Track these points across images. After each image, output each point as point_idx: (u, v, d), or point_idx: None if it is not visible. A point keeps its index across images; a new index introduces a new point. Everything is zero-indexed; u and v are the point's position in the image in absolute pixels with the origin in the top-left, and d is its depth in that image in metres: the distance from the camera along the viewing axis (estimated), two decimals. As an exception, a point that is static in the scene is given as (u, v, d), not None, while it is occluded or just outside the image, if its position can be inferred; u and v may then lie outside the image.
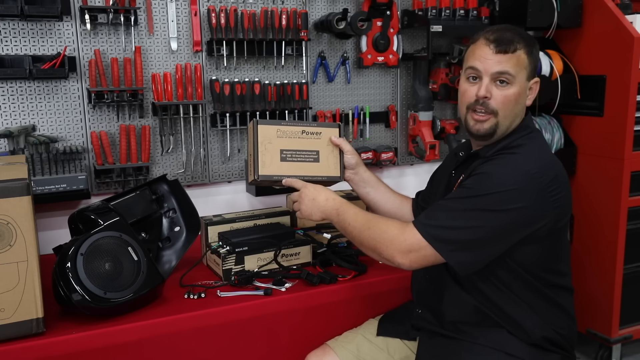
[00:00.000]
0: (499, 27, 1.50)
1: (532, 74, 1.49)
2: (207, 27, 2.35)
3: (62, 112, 2.19)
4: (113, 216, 1.66)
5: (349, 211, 1.59)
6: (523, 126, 1.52)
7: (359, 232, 1.53)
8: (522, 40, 1.46)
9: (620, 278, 2.54)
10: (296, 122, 1.83)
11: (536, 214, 1.39)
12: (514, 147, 1.46)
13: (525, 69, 1.46)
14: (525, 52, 1.45)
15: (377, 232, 1.49)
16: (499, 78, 1.44)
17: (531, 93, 1.51)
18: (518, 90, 1.46)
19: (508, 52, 1.43)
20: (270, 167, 1.77)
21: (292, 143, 1.79)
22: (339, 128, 1.85)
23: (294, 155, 1.79)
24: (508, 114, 1.47)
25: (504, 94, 1.45)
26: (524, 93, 1.48)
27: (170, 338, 1.59)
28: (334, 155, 1.82)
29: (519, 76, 1.45)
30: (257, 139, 1.76)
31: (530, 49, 1.47)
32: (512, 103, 1.46)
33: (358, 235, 1.54)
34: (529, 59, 1.47)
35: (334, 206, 1.61)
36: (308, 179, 1.77)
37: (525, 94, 1.49)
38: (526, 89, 1.49)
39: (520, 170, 1.39)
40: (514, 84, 1.45)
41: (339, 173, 1.82)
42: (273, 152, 1.77)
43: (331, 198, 1.63)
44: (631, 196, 2.51)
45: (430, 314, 1.49)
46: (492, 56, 1.44)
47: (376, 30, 2.62)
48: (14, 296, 1.41)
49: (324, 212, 1.63)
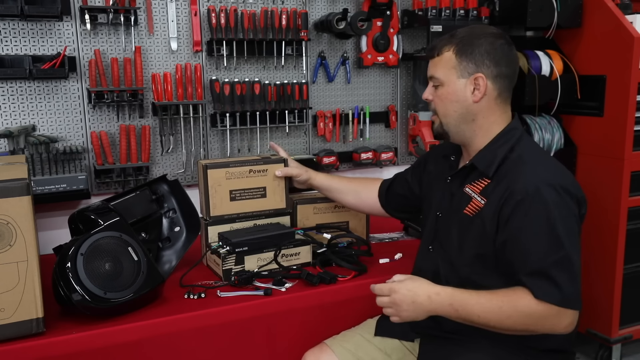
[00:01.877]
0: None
1: (467, 72, 1.48)
2: (207, 27, 2.35)
3: (62, 112, 2.19)
4: (113, 216, 1.65)
5: (468, 302, 1.39)
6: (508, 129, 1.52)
7: (499, 322, 1.39)
8: (451, 40, 1.50)
9: (620, 278, 2.54)
10: (244, 161, 1.98)
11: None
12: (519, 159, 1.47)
13: (454, 68, 1.49)
14: (453, 51, 1.49)
15: (522, 317, 1.37)
16: (432, 83, 1.55)
17: (477, 89, 1.48)
18: (448, 90, 1.51)
19: (434, 56, 1.53)
20: (220, 208, 1.95)
21: (240, 183, 1.96)
22: (284, 163, 2.01)
23: (242, 194, 1.97)
24: (445, 112, 1.53)
25: (437, 94, 1.54)
26: (460, 91, 1.49)
27: (170, 338, 1.59)
28: (280, 188, 2.01)
29: (446, 77, 1.50)
30: (207, 183, 1.92)
31: (462, 47, 1.48)
32: (445, 101, 1.52)
33: (498, 325, 1.40)
34: (459, 58, 1.48)
35: (445, 302, 1.41)
36: (257, 213, 1.99)
37: (464, 92, 1.49)
38: (462, 87, 1.49)
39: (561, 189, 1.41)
40: (443, 84, 1.51)
41: (284, 205, 2.03)
42: (223, 194, 1.94)
43: (434, 293, 1.42)
44: (631, 196, 2.51)
45: (430, 320, 1.49)
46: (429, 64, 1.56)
47: (376, 30, 2.62)
48: (14, 296, 1.41)
49: (434, 311, 1.43)
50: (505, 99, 1.53)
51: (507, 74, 1.50)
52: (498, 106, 1.52)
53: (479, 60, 1.47)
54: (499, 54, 1.48)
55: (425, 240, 1.68)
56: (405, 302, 1.42)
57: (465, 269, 1.51)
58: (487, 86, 1.48)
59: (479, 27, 1.55)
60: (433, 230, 1.64)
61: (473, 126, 1.52)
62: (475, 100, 1.49)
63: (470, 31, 1.52)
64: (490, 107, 1.51)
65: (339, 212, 2.12)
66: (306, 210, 2.09)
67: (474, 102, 1.49)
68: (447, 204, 1.60)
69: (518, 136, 1.52)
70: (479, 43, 1.48)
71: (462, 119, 1.52)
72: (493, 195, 1.45)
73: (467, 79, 1.49)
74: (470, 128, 1.52)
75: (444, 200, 1.61)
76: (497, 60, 1.47)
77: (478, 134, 1.53)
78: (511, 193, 1.40)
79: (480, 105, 1.50)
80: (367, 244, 2.01)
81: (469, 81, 1.49)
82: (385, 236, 2.33)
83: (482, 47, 1.47)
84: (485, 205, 1.46)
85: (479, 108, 1.50)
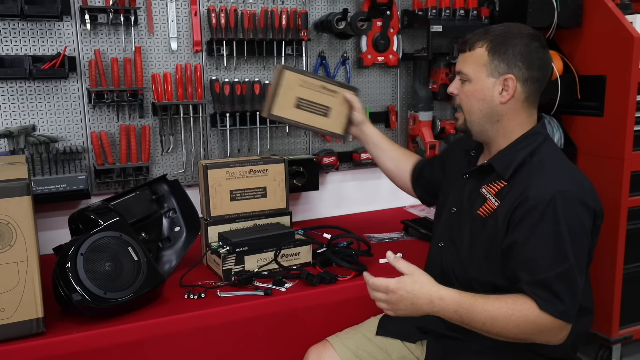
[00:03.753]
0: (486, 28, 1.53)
1: (498, 71, 1.46)
2: (207, 27, 2.35)
3: (62, 112, 2.19)
4: (113, 216, 1.66)
5: (475, 309, 1.35)
6: (531, 133, 1.50)
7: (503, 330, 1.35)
8: (485, 37, 1.47)
9: (620, 278, 2.54)
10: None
11: None
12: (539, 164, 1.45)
13: (485, 65, 1.46)
14: (486, 48, 1.46)
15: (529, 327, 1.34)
16: (460, 77, 1.53)
17: (505, 90, 1.46)
18: (475, 87, 1.49)
19: (465, 51, 1.51)
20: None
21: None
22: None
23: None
24: (470, 109, 1.51)
25: (464, 89, 1.52)
26: (487, 89, 1.47)
27: (170, 338, 1.59)
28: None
29: (476, 73, 1.48)
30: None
31: (496, 45, 1.45)
32: (470, 98, 1.50)
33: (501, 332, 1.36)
34: (491, 56, 1.45)
35: (450, 308, 1.35)
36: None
37: (491, 92, 1.47)
38: (490, 87, 1.47)
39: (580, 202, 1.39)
40: (471, 81, 1.49)
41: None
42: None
43: (437, 297, 1.35)
44: (631, 196, 2.51)
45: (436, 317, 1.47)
46: (459, 56, 1.54)
47: (376, 30, 2.62)
48: (14, 296, 1.41)
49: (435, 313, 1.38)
50: (532, 103, 1.50)
51: (538, 78, 1.47)
52: (524, 109, 1.49)
53: (512, 61, 1.44)
54: (533, 56, 1.45)
55: (437, 235, 1.67)
56: (403, 303, 1.37)
57: (473, 270, 1.51)
58: (516, 88, 1.45)
59: (516, 26, 1.49)
60: (446, 225, 1.63)
61: (497, 127, 1.50)
62: (503, 101, 1.47)
63: (506, 29, 1.48)
64: (516, 110, 1.49)
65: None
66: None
67: (501, 103, 1.47)
68: (462, 201, 1.59)
69: (540, 141, 1.49)
70: (513, 43, 1.44)
71: (487, 119, 1.50)
72: (507, 198, 1.44)
73: (496, 78, 1.46)
74: (494, 128, 1.51)
75: (460, 197, 1.60)
76: (529, 63, 1.44)
77: (501, 134, 1.51)
78: (526, 198, 1.38)
79: (506, 107, 1.48)
80: (367, 244, 2.01)
81: (498, 81, 1.46)
82: (385, 236, 2.33)
83: (517, 48, 1.44)
84: (499, 207, 1.45)
85: (505, 109, 1.48)
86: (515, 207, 1.40)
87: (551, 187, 1.38)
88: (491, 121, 1.50)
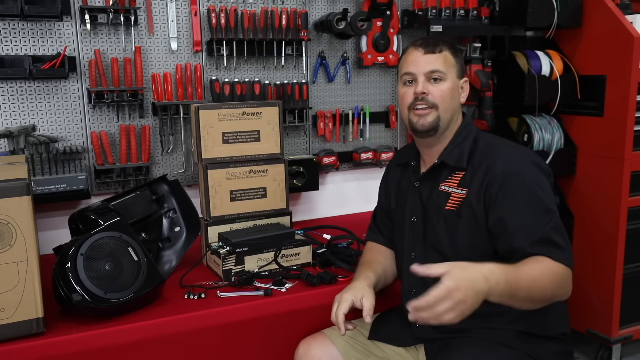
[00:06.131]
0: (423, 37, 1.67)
1: (461, 74, 1.61)
2: (207, 27, 2.35)
3: (62, 112, 2.19)
4: (113, 216, 1.66)
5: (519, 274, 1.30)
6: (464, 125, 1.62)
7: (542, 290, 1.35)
8: (446, 43, 1.60)
9: (620, 278, 2.54)
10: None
11: None
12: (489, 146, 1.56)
13: (454, 67, 1.58)
14: (450, 52, 1.59)
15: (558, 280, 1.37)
16: (432, 76, 1.56)
17: (463, 92, 1.62)
18: (451, 86, 1.57)
19: (435, 52, 1.57)
20: (220, 207, 1.94)
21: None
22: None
23: (242, 194, 1.96)
24: (447, 107, 1.57)
25: (440, 88, 1.56)
26: (457, 89, 1.60)
27: (170, 338, 1.59)
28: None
29: (449, 73, 1.57)
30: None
31: (455, 51, 1.60)
32: (448, 97, 1.57)
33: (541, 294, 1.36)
34: (456, 59, 1.59)
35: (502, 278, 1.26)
36: (257, 213, 1.98)
37: (458, 91, 1.61)
38: (458, 87, 1.61)
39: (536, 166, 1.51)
40: (446, 79, 1.57)
41: (284, 205, 2.00)
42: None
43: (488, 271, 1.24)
44: (631, 196, 2.51)
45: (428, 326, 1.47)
46: (422, 58, 1.57)
47: (376, 30, 2.62)
48: (14, 296, 1.41)
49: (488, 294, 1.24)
50: None
51: None
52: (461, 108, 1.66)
53: (463, 65, 1.63)
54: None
55: (406, 248, 1.66)
56: (470, 296, 1.19)
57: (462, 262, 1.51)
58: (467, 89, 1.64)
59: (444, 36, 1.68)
60: (412, 235, 1.65)
61: (452, 124, 1.61)
62: (462, 101, 1.63)
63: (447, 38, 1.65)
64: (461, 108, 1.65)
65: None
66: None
67: (461, 102, 1.63)
68: (421, 208, 1.63)
69: (475, 129, 1.63)
70: (459, 51, 1.64)
71: (452, 116, 1.60)
72: (474, 182, 1.52)
73: (461, 79, 1.62)
74: (450, 125, 1.61)
75: (417, 205, 1.64)
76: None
77: (450, 131, 1.61)
78: (493, 175, 1.48)
79: (460, 106, 1.64)
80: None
81: (462, 82, 1.62)
82: (385, 236, 2.32)
83: (462, 55, 1.64)
84: (468, 193, 1.52)
85: (460, 108, 1.63)
86: (486, 186, 1.49)
87: (510, 160, 1.50)
88: (452, 119, 1.60)
